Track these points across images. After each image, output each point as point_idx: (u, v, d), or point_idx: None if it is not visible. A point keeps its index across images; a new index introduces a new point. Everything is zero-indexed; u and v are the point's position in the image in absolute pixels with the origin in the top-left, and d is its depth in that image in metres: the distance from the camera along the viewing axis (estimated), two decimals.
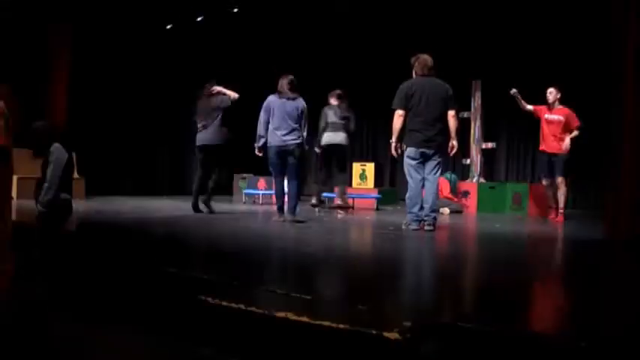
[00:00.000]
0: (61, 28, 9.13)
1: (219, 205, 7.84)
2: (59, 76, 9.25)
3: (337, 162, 7.06)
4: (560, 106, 6.68)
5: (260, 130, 5.49)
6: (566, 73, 9.37)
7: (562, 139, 6.56)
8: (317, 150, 7.19)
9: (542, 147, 6.80)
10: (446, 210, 7.63)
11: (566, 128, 6.60)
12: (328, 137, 6.95)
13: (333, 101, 7.08)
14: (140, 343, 2.14)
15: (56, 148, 4.17)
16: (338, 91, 7.14)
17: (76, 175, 8.63)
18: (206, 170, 6.20)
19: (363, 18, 9.94)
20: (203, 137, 6.15)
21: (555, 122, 6.64)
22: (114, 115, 10.08)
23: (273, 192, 6.28)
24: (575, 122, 6.58)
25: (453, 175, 8.61)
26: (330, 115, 6.99)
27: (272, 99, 5.51)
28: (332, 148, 6.98)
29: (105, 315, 2.46)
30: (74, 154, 8.72)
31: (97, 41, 9.58)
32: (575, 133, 6.57)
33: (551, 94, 6.68)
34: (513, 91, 6.80)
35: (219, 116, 6.14)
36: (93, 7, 9.03)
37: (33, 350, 2.07)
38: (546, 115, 6.71)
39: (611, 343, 1.60)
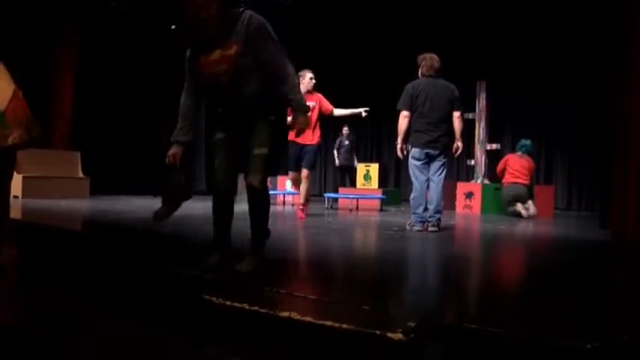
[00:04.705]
0: (67, 28, 9.17)
1: None
2: (65, 76, 9.29)
3: None
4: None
5: None
6: (570, 73, 9.36)
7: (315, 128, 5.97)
8: None
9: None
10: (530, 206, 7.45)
11: (321, 116, 6.04)
12: None
13: None
14: (144, 343, 2.14)
15: None
16: None
17: (80, 174, 8.68)
18: None
19: (369, 20, 9.93)
20: None
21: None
22: (119, 114, 10.11)
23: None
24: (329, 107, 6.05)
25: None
26: None
27: None
28: None
29: (108, 314, 2.47)
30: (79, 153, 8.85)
31: (103, 42, 9.62)
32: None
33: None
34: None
35: None
36: (100, 6, 9.07)
37: (41, 349, 2.08)
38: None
39: (616, 346, 1.59)
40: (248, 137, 2.54)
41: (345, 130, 10.59)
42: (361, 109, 6.12)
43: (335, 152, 10.77)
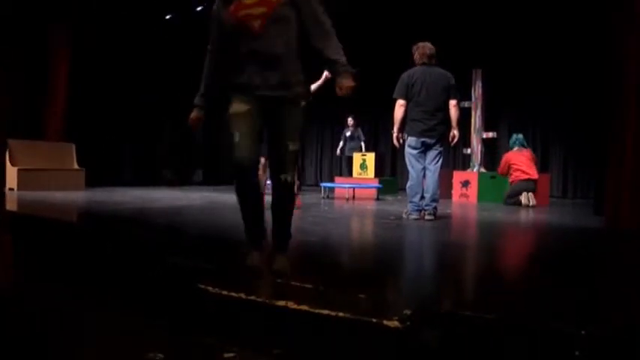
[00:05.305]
0: (63, 23, 9.08)
1: (222, 196, 7.84)
2: (59, 70, 9.22)
3: None
4: None
5: None
6: (567, 61, 9.34)
7: None
8: None
9: None
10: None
11: None
12: None
13: None
14: (141, 333, 2.14)
15: None
16: None
17: (75, 166, 8.65)
18: None
19: (364, 9, 9.86)
20: None
21: None
22: (114, 105, 10.06)
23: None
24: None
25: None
26: None
27: None
28: None
29: (105, 305, 2.47)
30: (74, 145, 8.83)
31: (97, 33, 9.54)
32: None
33: None
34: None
35: None
36: (97, 4, 9.00)
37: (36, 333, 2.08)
38: None
39: (611, 333, 1.60)
40: (275, 123, 2.34)
41: (350, 120, 10.71)
42: (325, 73, 5.39)
43: (341, 143, 10.88)
